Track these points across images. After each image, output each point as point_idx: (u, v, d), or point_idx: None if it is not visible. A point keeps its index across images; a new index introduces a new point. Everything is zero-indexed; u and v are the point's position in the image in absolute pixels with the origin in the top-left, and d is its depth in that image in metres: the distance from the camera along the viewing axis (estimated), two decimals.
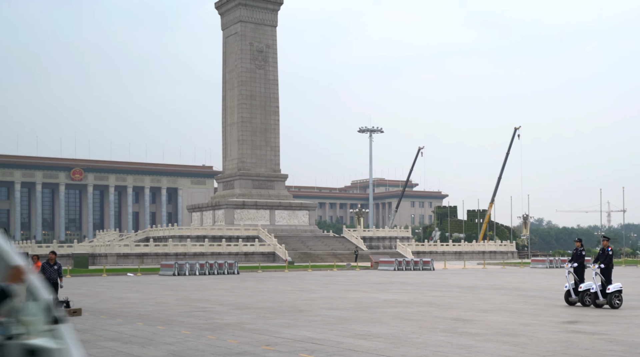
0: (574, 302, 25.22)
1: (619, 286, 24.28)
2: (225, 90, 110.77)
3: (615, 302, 23.98)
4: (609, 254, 25.18)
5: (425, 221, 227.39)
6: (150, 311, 23.98)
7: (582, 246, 26.50)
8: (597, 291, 24.32)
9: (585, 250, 26.77)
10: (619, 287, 24.27)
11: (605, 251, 25.32)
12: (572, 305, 25.15)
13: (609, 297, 24.04)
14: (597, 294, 24.35)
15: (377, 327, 18.81)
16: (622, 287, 24.78)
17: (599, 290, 24.30)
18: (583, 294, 24.92)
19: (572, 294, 25.32)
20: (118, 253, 79.88)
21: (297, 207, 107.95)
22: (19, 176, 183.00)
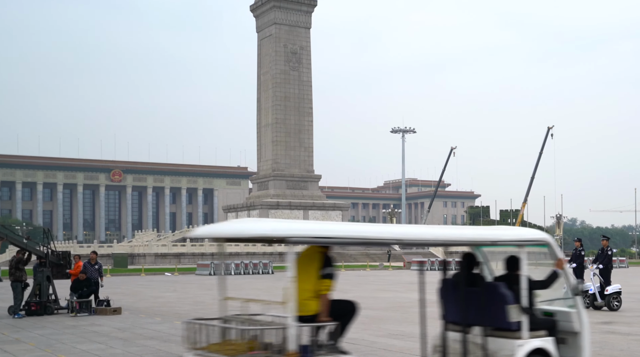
0: None
1: (617, 288, 23.38)
2: (260, 92, 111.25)
3: (614, 304, 23.13)
4: (609, 254, 24.35)
5: (457, 221, 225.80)
6: (187, 310, 24.18)
7: (582, 245, 25.67)
8: (596, 292, 23.42)
9: (585, 250, 25.92)
10: (618, 289, 23.37)
11: (604, 251, 24.47)
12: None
13: (607, 298, 23.17)
14: (596, 295, 23.43)
15: (410, 327, 18.70)
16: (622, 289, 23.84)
17: (597, 291, 23.40)
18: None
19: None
20: (156, 253, 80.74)
21: (330, 207, 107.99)
22: (61, 178, 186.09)
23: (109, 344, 15.98)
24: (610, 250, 24.52)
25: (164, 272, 59.26)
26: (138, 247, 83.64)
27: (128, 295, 32.10)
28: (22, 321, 21.15)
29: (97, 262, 25.05)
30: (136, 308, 25.10)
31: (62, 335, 17.64)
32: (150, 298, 30.23)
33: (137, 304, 27.11)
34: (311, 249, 8.67)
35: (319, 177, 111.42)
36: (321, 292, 8.51)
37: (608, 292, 23.15)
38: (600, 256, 24.46)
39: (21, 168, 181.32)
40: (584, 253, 25.42)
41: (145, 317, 21.77)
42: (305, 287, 8.39)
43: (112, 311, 22.72)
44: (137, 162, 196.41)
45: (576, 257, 25.17)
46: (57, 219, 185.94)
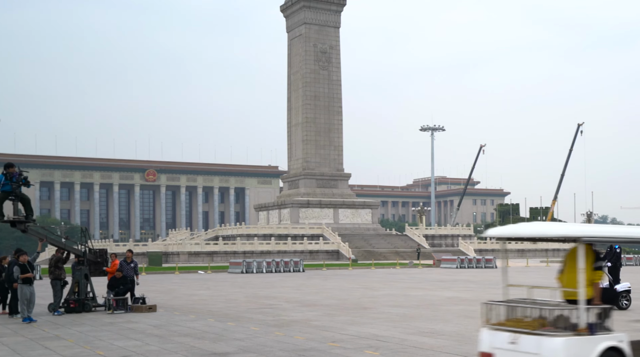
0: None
1: (627, 286, 22.73)
2: (290, 91, 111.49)
3: (623, 303, 22.44)
4: (617, 251, 23.57)
5: (487, 218, 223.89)
6: (220, 308, 24.36)
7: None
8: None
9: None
10: (628, 287, 22.71)
11: (613, 249, 23.71)
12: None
13: (616, 297, 22.45)
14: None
15: (440, 325, 18.65)
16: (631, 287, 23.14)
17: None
18: None
19: None
20: (189, 251, 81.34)
21: (360, 205, 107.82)
22: (97, 178, 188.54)
23: (145, 341, 16.19)
24: (619, 247, 23.79)
25: (197, 271, 59.70)
26: (172, 245, 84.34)
27: (163, 293, 32.43)
28: (61, 318, 21.51)
29: (133, 260, 25.34)
30: (171, 306, 25.35)
31: (99, 332, 17.91)
32: (184, 296, 30.52)
33: (171, 301, 27.38)
34: (580, 246, 10.10)
35: (349, 176, 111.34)
36: (594, 281, 10.51)
37: (617, 290, 22.49)
38: (609, 253, 23.69)
39: (59, 168, 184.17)
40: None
41: (180, 315, 21.99)
42: (576, 278, 10.03)
43: (147, 308, 22.97)
44: (170, 162, 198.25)
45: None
46: (94, 218, 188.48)
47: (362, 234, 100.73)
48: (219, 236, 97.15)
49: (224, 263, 73.99)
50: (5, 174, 21.28)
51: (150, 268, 63.10)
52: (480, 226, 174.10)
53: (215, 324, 19.24)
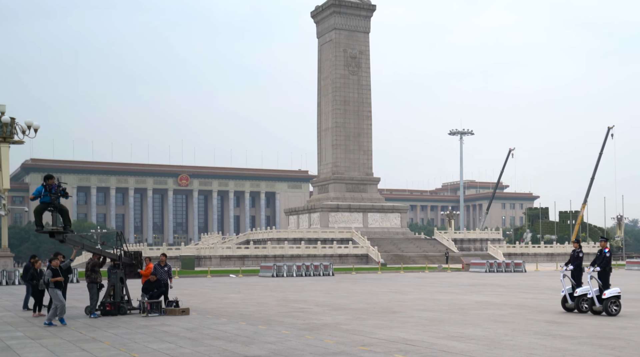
0: (571, 309, 22.66)
1: (616, 291, 21.68)
2: (320, 96, 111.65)
3: (612, 309, 21.45)
4: (607, 256, 22.47)
5: (516, 222, 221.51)
6: (251, 311, 24.44)
7: (580, 247, 23.99)
8: (594, 297, 21.80)
9: (583, 252, 24.20)
10: (617, 293, 21.65)
11: (602, 253, 22.64)
12: (569, 311, 22.64)
13: (604, 303, 21.53)
14: (594, 299, 21.84)
15: (469, 329, 18.49)
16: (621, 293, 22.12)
17: (595, 295, 21.80)
18: (579, 300, 22.36)
19: (568, 299, 22.73)
20: (221, 255, 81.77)
21: (389, 209, 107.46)
22: (132, 183, 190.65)
23: (179, 343, 16.32)
24: (609, 252, 22.70)
25: (228, 274, 59.98)
26: (204, 249, 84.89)
27: (195, 296, 32.64)
28: (97, 321, 21.77)
29: (167, 264, 25.50)
30: (203, 309, 25.50)
31: (134, 334, 18.09)
32: (216, 299, 30.67)
33: (203, 305, 27.54)
34: None
35: (378, 180, 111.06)
36: None
37: (606, 296, 21.49)
38: (599, 258, 22.66)
39: (96, 174, 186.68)
40: (582, 255, 23.75)
41: (212, 318, 22.11)
42: None
43: (180, 311, 23.12)
44: (202, 167, 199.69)
45: (574, 259, 23.65)
46: (129, 223, 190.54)
47: (391, 238, 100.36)
48: (250, 240, 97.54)
49: (255, 267, 74.26)
50: (45, 186, 21.61)
51: (183, 272, 63.54)
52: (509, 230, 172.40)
53: (246, 328, 19.31)
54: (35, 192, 21.63)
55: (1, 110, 50.17)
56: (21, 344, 16.79)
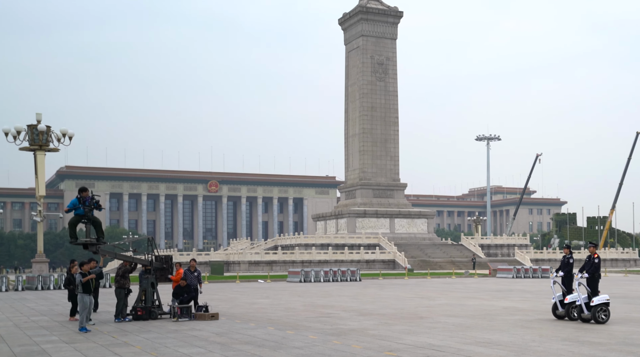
0: (561, 316, 22.03)
1: (605, 299, 21.00)
2: (347, 102, 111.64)
3: (601, 317, 20.84)
4: (595, 262, 21.78)
5: (543, 228, 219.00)
6: (279, 316, 24.49)
7: (571, 253, 23.26)
8: (582, 304, 21.13)
9: (573, 258, 23.35)
10: (605, 300, 20.96)
11: (591, 259, 21.93)
12: (560, 319, 22.02)
13: (593, 310, 20.88)
14: (582, 307, 21.16)
15: (497, 335, 18.34)
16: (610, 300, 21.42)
17: (583, 303, 21.13)
18: (569, 307, 21.76)
19: (558, 306, 22.16)
20: (250, 261, 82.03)
21: (416, 215, 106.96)
22: (163, 189, 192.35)
23: (208, 348, 16.43)
24: (597, 258, 21.99)
25: (257, 279, 60.16)
26: (233, 255, 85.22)
27: (224, 301, 32.81)
28: (129, 325, 22.00)
29: (196, 269, 25.68)
30: (232, 314, 25.62)
31: (165, 339, 18.25)
32: (245, 304, 30.80)
33: (232, 310, 27.67)
34: None
35: (405, 186, 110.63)
36: None
37: (594, 303, 20.87)
38: (587, 264, 22.00)
39: (128, 180, 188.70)
40: (572, 261, 23.09)
41: (241, 323, 22.21)
42: None
43: (210, 316, 23.25)
44: (231, 173, 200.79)
45: (564, 266, 22.97)
46: (160, 228, 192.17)
47: (418, 243, 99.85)
48: (278, 245, 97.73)
49: (282, 272, 74.37)
50: (79, 198, 21.93)
51: (213, 277, 63.88)
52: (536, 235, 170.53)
53: (274, 333, 19.37)
54: (70, 205, 21.98)
55: (37, 119, 50.96)
56: (56, 347, 17.04)
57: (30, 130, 50.61)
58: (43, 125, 50.64)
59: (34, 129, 50.54)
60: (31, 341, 18.46)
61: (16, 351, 16.56)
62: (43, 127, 50.54)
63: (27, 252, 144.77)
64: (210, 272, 70.88)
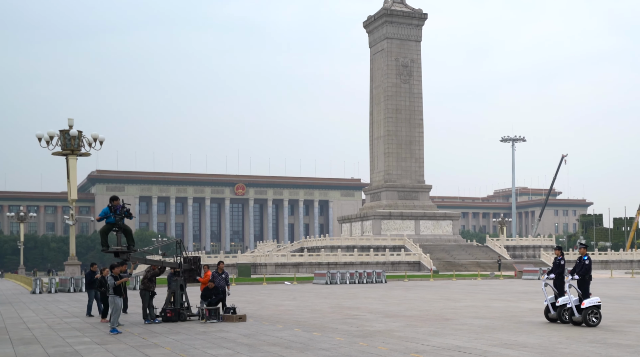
0: (554, 319, 21.42)
1: (596, 301, 20.39)
2: (372, 105, 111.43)
3: (592, 320, 20.18)
4: (586, 263, 21.11)
5: (569, 229, 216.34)
6: (306, 318, 24.51)
7: (562, 254, 22.39)
8: (573, 307, 20.52)
9: (565, 259, 22.50)
10: (596, 303, 20.36)
11: (581, 260, 21.23)
12: (553, 322, 21.43)
13: (583, 313, 20.24)
14: (573, 309, 20.54)
15: (523, 337, 18.16)
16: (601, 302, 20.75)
17: (574, 305, 20.53)
18: (561, 310, 21.13)
19: (550, 309, 21.54)
20: (276, 263, 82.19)
21: (441, 217, 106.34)
22: (191, 192, 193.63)
23: (236, 349, 16.49)
24: (588, 259, 21.33)
25: (283, 281, 60.26)
26: (260, 257, 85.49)
27: (251, 303, 32.91)
28: (158, 327, 22.18)
29: (224, 271, 25.76)
30: (259, 315, 25.69)
31: (194, 340, 18.37)
32: (272, 306, 30.86)
33: (260, 311, 27.75)
34: None
35: (430, 188, 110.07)
36: None
37: (584, 306, 20.26)
38: (578, 265, 21.30)
39: (157, 184, 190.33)
40: (564, 263, 22.25)
41: (268, 325, 22.26)
42: None
43: (237, 318, 23.32)
44: (258, 176, 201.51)
45: (556, 267, 22.20)
46: (188, 231, 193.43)
47: (443, 245, 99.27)
48: (304, 247, 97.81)
49: (309, 274, 74.42)
50: (110, 207, 22.18)
51: (240, 279, 64.13)
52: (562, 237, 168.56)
53: (301, 334, 19.38)
54: (102, 213, 22.24)
55: (69, 124, 51.56)
56: (88, 349, 17.24)
57: (62, 135, 51.17)
58: (75, 131, 51.20)
59: (66, 134, 51.08)
60: (64, 342, 18.71)
61: (50, 352, 16.79)
62: (75, 132, 51.10)
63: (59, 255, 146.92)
64: (238, 274, 71.16)
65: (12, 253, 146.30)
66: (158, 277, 24.88)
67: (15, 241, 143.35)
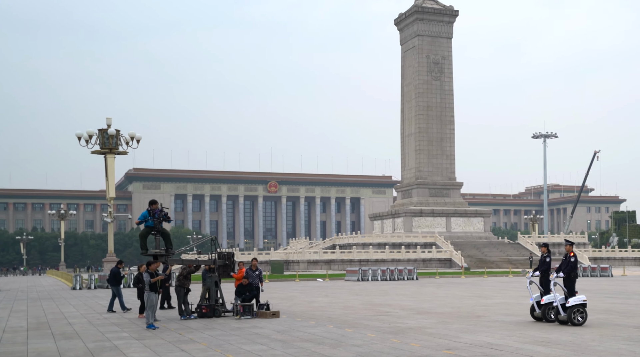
0: (539, 318, 20.82)
1: (581, 299, 19.81)
2: (403, 102, 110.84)
3: (577, 318, 19.59)
4: (571, 261, 20.54)
5: (601, 226, 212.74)
6: (338, 314, 24.51)
7: (549, 251, 21.82)
8: (558, 305, 19.89)
9: (551, 257, 21.87)
10: (582, 301, 19.77)
11: (567, 258, 20.64)
12: (538, 321, 20.82)
13: (569, 312, 19.64)
14: (559, 308, 19.91)
15: (555, 334, 17.91)
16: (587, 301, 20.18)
17: (559, 304, 19.90)
18: (545, 308, 20.54)
19: (536, 308, 20.91)
20: (308, 260, 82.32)
21: (472, 214, 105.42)
22: (225, 190, 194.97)
23: (270, 345, 16.57)
24: (574, 257, 20.73)
25: (316, 278, 60.34)
26: (292, 254, 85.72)
27: (284, 299, 33.02)
28: (194, 322, 22.40)
29: (258, 268, 25.88)
30: (292, 312, 25.77)
31: (229, 336, 18.50)
32: (305, 303, 30.93)
33: (292, 308, 27.83)
34: None
35: (461, 185, 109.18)
36: None
37: (569, 304, 19.66)
38: (563, 263, 20.74)
39: (191, 182, 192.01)
40: (549, 260, 21.68)
41: (301, 321, 22.31)
42: None
43: (271, 314, 23.42)
44: (290, 174, 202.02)
45: (541, 265, 21.65)
46: (222, 228, 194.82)
47: (474, 242, 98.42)
48: (336, 244, 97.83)
49: (340, 271, 74.39)
50: (149, 211, 22.43)
51: (273, 276, 64.34)
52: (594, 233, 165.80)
53: (334, 330, 19.39)
54: (141, 217, 22.52)
55: (107, 123, 52.19)
56: (127, 344, 17.49)
57: (101, 134, 51.78)
58: (113, 130, 51.77)
59: (105, 133, 51.68)
60: (104, 337, 19.01)
61: (90, 346, 17.07)
62: (113, 131, 51.69)
63: (98, 251, 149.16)
64: (271, 270, 71.46)
65: (53, 250, 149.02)
66: (193, 274, 25.12)
67: (56, 238, 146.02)
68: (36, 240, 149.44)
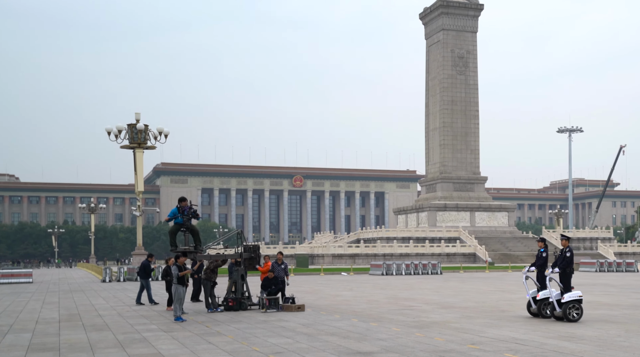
0: (535, 314, 20.44)
1: (577, 295, 19.42)
2: (428, 97, 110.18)
3: (572, 314, 19.21)
4: (567, 256, 20.22)
5: (627, 221, 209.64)
6: (363, 308, 24.51)
7: (546, 246, 21.34)
8: (554, 301, 19.57)
9: (548, 252, 21.36)
10: (577, 297, 19.39)
11: (563, 253, 20.33)
12: (535, 317, 20.46)
13: (564, 308, 19.25)
14: (554, 304, 19.57)
15: (581, 330, 17.73)
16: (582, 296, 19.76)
17: (555, 300, 19.59)
18: (541, 304, 20.13)
19: (532, 303, 20.52)
20: (333, 254, 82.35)
21: (497, 208, 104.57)
22: (251, 184, 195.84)
23: (295, 338, 16.64)
24: (569, 251, 20.38)
25: (340, 272, 60.37)
26: (317, 248, 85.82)
27: (309, 293, 33.11)
28: (221, 315, 22.56)
29: (283, 262, 25.97)
30: (317, 305, 25.83)
31: (255, 329, 18.62)
32: (329, 296, 30.98)
33: (317, 301, 27.89)
34: None
35: (485, 179, 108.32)
36: None
37: (565, 300, 19.32)
38: (559, 258, 20.38)
39: (218, 176, 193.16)
40: (546, 255, 21.23)
41: (326, 315, 22.35)
42: None
43: (296, 307, 23.49)
44: (315, 168, 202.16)
45: (537, 260, 21.22)
46: (248, 222, 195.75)
47: (498, 237, 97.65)
48: (360, 238, 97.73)
49: (365, 265, 74.34)
50: (178, 208, 22.60)
51: (298, 269, 64.52)
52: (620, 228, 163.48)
53: (358, 324, 19.41)
54: (170, 214, 22.71)
55: (136, 118, 52.52)
56: (155, 336, 17.69)
57: (130, 129, 52.08)
58: (141, 124, 52.00)
59: (134, 128, 51.94)
60: (133, 329, 19.25)
61: (120, 338, 17.30)
62: (141, 126, 51.93)
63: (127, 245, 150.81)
64: (296, 264, 71.63)
65: (84, 243, 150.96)
66: (220, 267, 25.30)
67: (86, 231, 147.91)
68: (67, 233, 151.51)
